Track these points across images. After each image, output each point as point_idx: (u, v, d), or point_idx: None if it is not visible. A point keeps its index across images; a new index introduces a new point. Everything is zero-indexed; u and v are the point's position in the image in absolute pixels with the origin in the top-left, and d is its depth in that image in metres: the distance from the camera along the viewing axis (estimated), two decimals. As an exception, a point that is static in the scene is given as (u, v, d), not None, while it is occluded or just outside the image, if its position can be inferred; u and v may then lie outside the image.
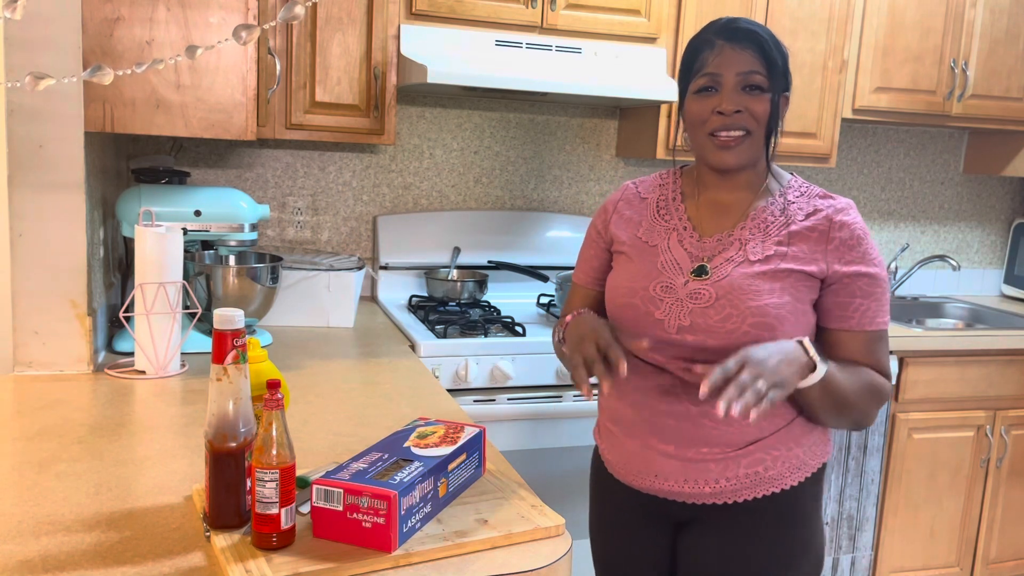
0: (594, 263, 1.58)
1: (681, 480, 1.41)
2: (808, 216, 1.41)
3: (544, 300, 2.84)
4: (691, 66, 1.42)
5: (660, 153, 2.73)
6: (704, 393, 1.20)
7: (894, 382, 2.65)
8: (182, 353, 1.96)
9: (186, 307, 1.97)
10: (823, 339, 1.42)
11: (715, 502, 1.42)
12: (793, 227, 1.40)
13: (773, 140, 1.43)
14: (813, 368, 1.29)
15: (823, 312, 1.41)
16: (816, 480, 1.46)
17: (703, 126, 1.40)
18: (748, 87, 1.37)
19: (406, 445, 1.25)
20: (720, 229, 1.44)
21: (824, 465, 1.48)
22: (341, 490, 1.10)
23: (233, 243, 2.22)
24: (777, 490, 1.41)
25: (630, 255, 1.49)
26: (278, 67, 2.31)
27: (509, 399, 2.34)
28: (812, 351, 1.30)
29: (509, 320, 2.50)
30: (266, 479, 1.06)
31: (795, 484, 1.43)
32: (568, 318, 1.49)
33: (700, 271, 1.40)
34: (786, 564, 1.44)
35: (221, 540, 1.10)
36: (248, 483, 1.13)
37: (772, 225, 1.41)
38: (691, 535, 1.47)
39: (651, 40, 2.65)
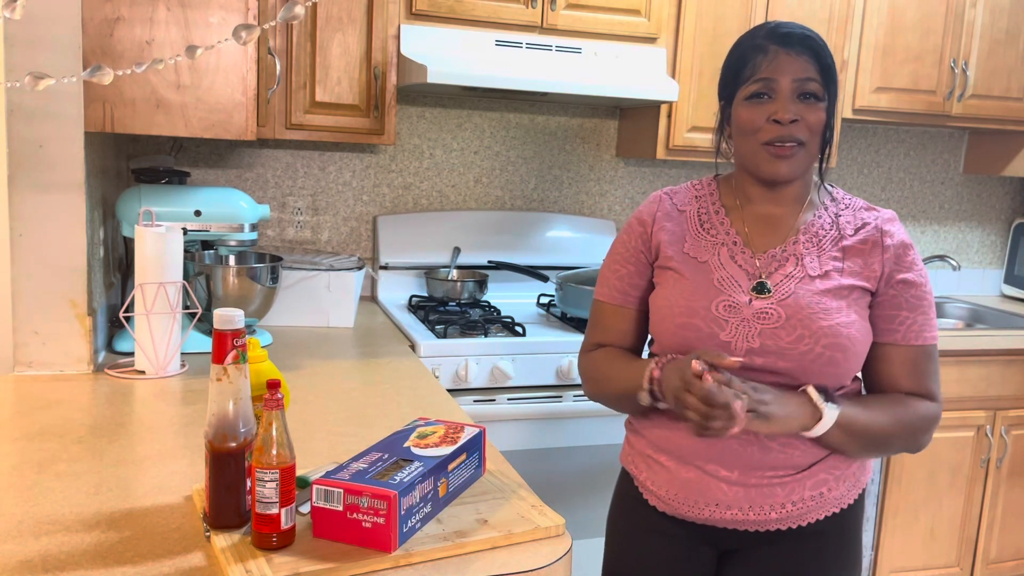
0: (634, 279, 1.47)
1: (746, 507, 1.35)
2: (858, 230, 1.38)
3: (544, 300, 2.84)
4: (740, 71, 1.34)
5: (660, 153, 2.73)
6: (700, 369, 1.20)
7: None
8: (182, 353, 1.96)
9: (186, 307, 1.97)
10: (869, 355, 1.37)
11: (779, 528, 1.36)
12: (846, 242, 1.37)
13: (828, 151, 1.37)
14: (820, 417, 1.27)
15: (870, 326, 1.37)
16: (863, 497, 1.45)
17: (756, 135, 1.33)
18: (804, 95, 1.31)
19: (406, 445, 1.25)
20: (772, 244, 1.38)
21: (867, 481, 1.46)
22: (341, 490, 1.10)
23: (233, 243, 2.22)
24: (837, 510, 1.38)
25: (680, 271, 1.40)
26: (278, 67, 2.31)
27: (509, 399, 2.34)
28: (817, 398, 1.27)
29: (509, 320, 2.50)
30: (266, 479, 1.06)
31: (851, 503, 1.40)
32: (655, 372, 1.34)
33: (760, 288, 1.34)
34: None
35: (221, 540, 1.10)
36: (248, 483, 1.13)
37: (825, 239, 1.37)
38: (745, 564, 1.41)
39: (651, 40, 2.65)
